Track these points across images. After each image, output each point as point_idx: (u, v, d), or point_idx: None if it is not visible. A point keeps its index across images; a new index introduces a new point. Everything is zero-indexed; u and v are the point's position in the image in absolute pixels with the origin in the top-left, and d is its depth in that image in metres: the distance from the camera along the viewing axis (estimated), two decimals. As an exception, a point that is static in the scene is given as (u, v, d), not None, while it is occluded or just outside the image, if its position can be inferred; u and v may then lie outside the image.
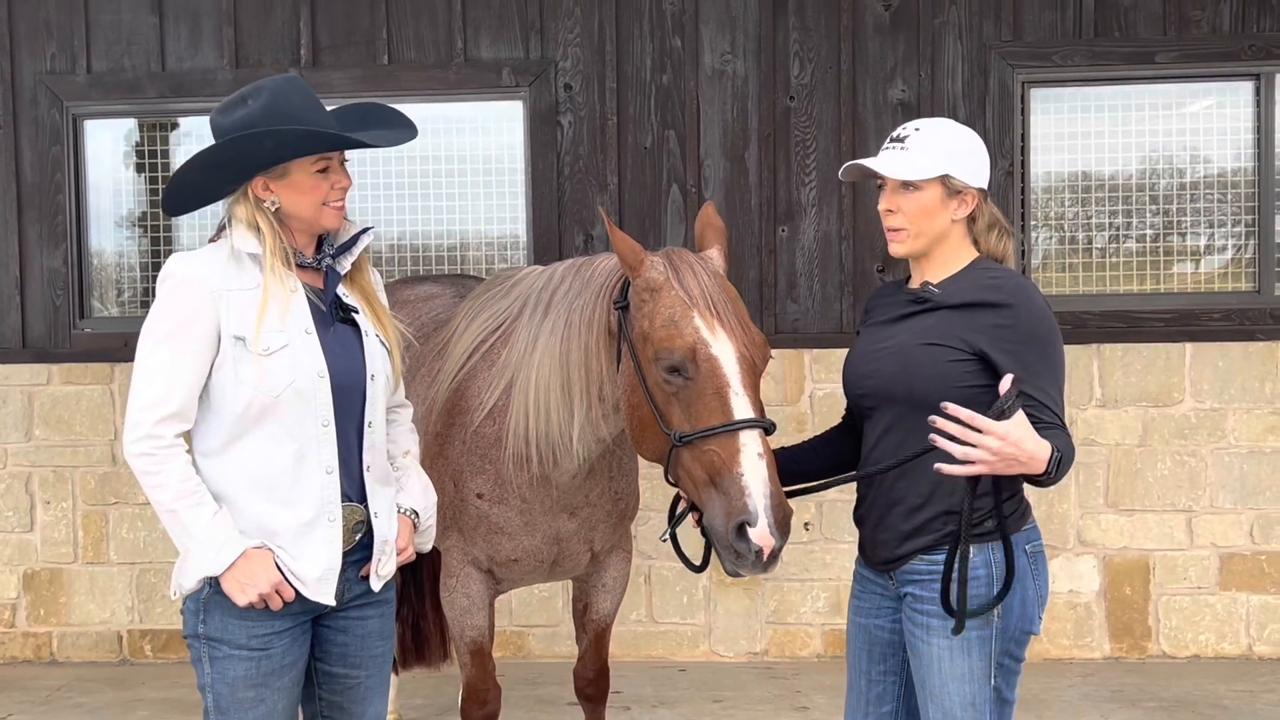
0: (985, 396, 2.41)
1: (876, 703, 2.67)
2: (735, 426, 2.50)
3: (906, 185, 2.52)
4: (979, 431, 2.23)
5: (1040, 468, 2.28)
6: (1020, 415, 2.26)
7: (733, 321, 2.63)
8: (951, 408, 2.26)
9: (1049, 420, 2.37)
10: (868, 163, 2.56)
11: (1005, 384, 2.27)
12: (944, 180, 2.51)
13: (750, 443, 2.49)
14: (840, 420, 2.82)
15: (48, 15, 5.52)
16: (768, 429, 2.55)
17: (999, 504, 2.44)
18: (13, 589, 5.54)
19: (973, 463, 2.25)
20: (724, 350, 2.59)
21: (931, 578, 2.47)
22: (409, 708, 4.80)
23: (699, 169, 5.39)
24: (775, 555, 2.47)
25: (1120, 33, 5.33)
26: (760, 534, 2.43)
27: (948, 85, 5.35)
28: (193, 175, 2.50)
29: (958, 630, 2.41)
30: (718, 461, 2.50)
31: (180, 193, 2.55)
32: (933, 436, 2.29)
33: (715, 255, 2.82)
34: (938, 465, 2.29)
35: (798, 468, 2.72)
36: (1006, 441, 2.23)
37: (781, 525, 2.46)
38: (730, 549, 2.47)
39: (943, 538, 2.46)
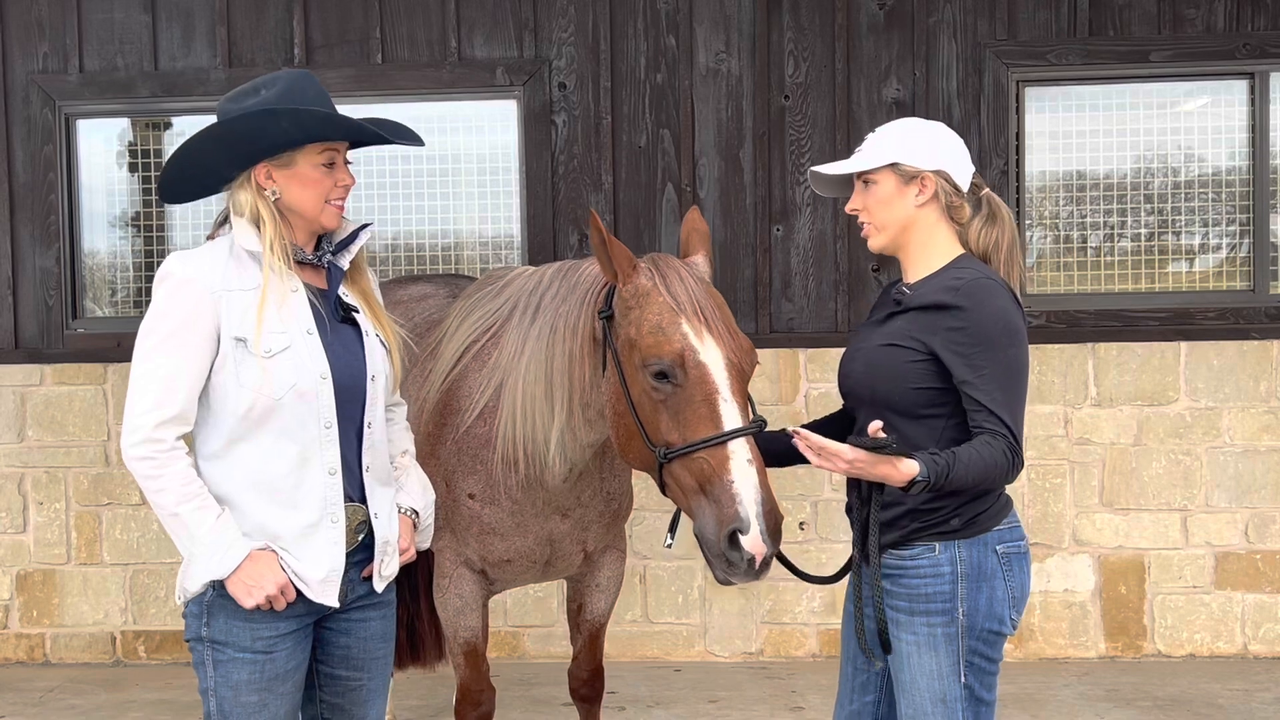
0: (945, 399, 2.47)
1: (860, 691, 2.71)
2: (725, 438, 2.49)
3: (866, 184, 2.59)
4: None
5: (897, 485, 2.37)
6: (877, 457, 2.35)
7: (720, 328, 2.62)
8: (803, 435, 2.38)
9: (991, 426, 2.39)
10: (819, 168, 2.67)
11: (874, 427, 2.36)
12: (894, 168, 2.55)
13: (740, 449, 2.48)
14: (841, 408, 2.85)
15: (40, 14, 5.50)
16: (759, 430, 2.55)
17: (962, 504, 2.48)
18: (5, 590, 5.52)
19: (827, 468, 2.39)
20: (712, 357, 2.58)
21: (900, 573, 2.51)
22: (404, 708, 4.79)
23: (694, 168, 5.38)
24: (767, 562, 2.46)
25: (1115, 31, 5.33)
26: (752, 541, 2.42)
27: (942, 84, 5.35)
28: (199, 150, 2.47)
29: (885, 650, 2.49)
30: (707, 469, 2.49)
31: (180, 170, 2.51)
32: (795, 441, 2.40)
33: (700, 261, 2.81)
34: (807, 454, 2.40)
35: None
36: (852, 466, 2.34)
37: (773, 532, 2.45)
38: (722, 557, 2.46)
39: (909, 534, 2.50)
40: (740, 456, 2.48)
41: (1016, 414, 2.43)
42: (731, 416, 2.52)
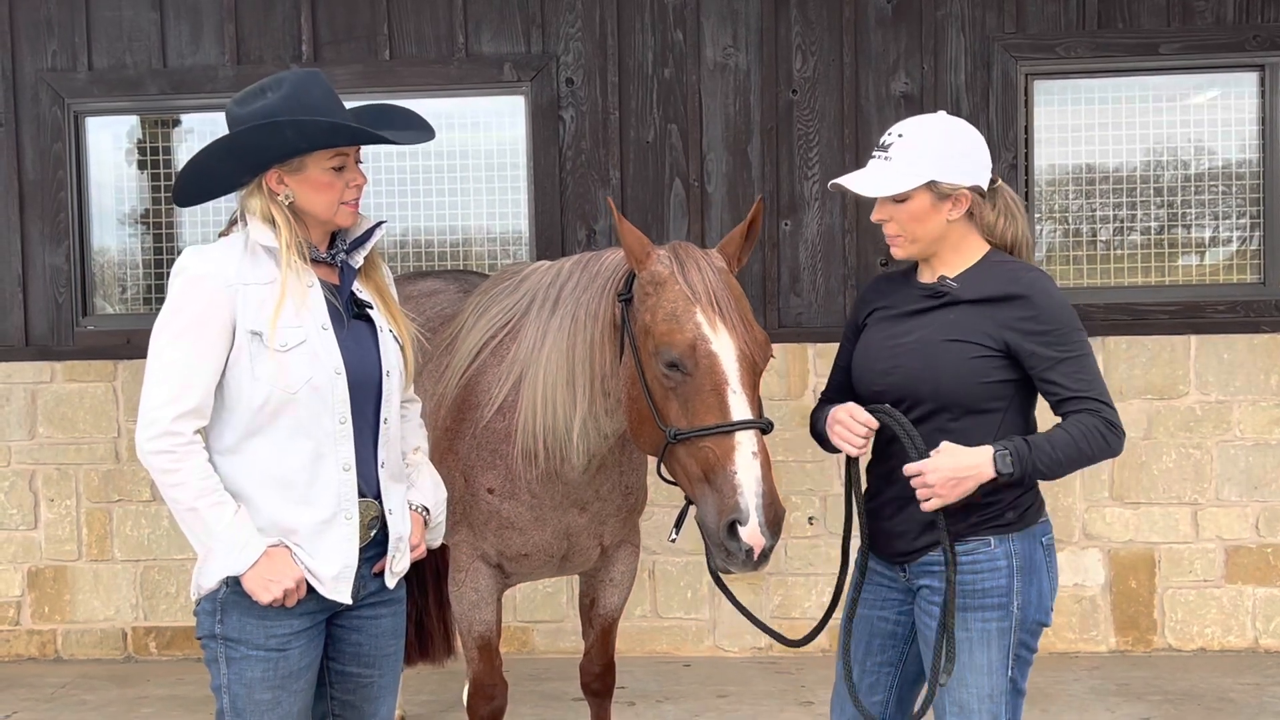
0: (1007, 391, 2.47)
1: (868, 692, 2.69)
2: (731, 427, 2.50)
3: (895, 196, 2.50)
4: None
5: (987, 473, 2.39)
6: (945, 447, 2.41)
7: (734, 319, 2.62)
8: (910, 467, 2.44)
9: (1086, 406, 2.42)
10: (846, 182, 2.55)
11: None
12: (930, 186, 2.48)
13: (745, 441, 2.49)
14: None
15: (49, 12, 5.51)
16: (764, 429, 2.54)
17: (1018, 497, 2.48)
18: (17, 587, 5.54)
19: (933, 500, 2.42)
20: (724, 347, 2.58)
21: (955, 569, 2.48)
22: (414, 704, 4.80)
23: (701, 163, 5.37)
24: (765, 555, 2.48)
25: (1124, 24, 5.31)
26: (750, 533, 2.44)
27: (950, 78, 5.33)
28: (209, 161, 2.47)
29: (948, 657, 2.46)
30: (712, 458, 2.51)
31: (193, 180, 2.52)
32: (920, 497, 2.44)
33: (716, 254, 2.79)
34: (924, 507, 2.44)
35: None
36: (934, 474, 2.38)
37: (772, 525, 2.46)
38: (721, 546, 2.49)
39: (965, 529, 2.48)
40: (745, 448, 2.49)
41: (1103, 386, 2.47)
42: (740, 407, 2.53)
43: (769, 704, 4.75)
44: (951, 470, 2.37)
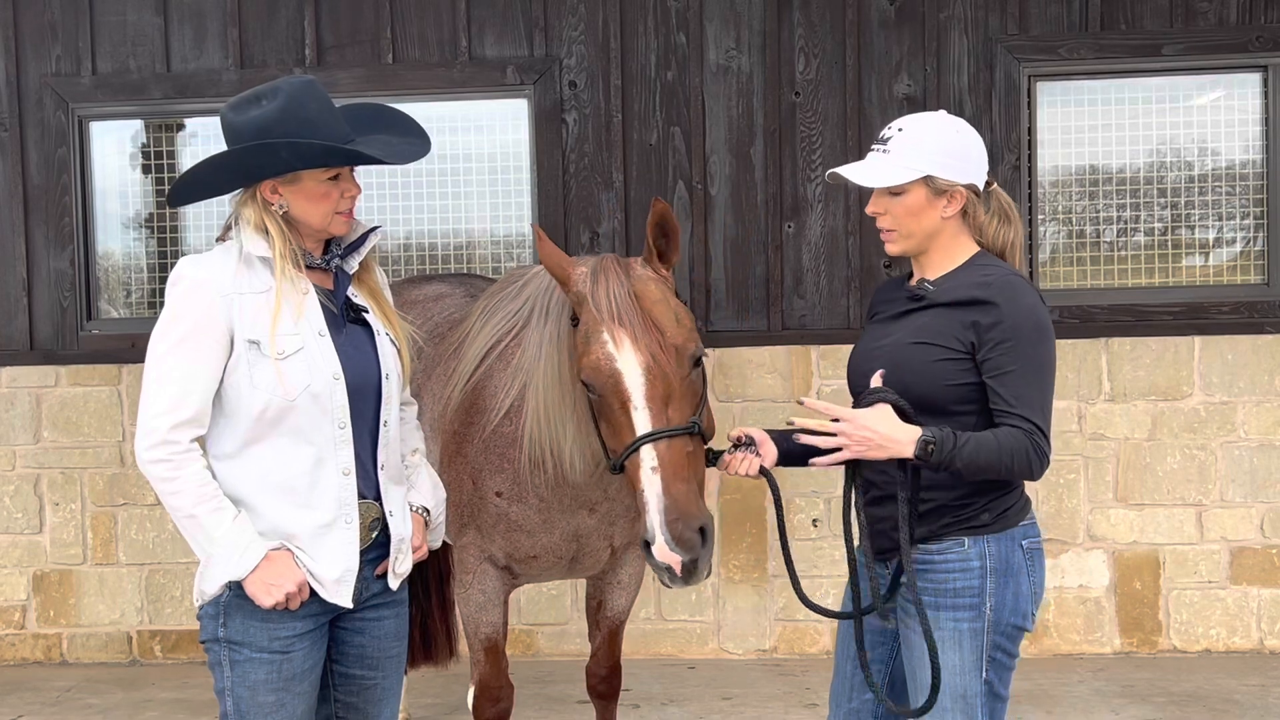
0: (975, 394, 2.45)
1: (860, 688, 2.70)
2: (635, 446, 2.50)
3: (891, 189, 2.52)
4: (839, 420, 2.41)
5: (904, 451, 2.36)
6: (881, 408, 2.39)
7: (639, 330, 2.57)
8: (808, 401, 2.45)
9: (1014, 424, 2.37)
10: (844, 171, 2.57)
11: (875, 380, 2.42)
12: (927, 181, 2.50)
13: (646, 457, 2.48)
14: None
15: (53, 17, 5.52)
16: (689, 432, 2.51)
17: (994, 499, 2.47)
18: (22, 590, 5.55)
19: (840, 449, 2.41)
20: (627, 364, 2.56)
21: (927, 568, 2.49)
22: (418, 706, 4.81)
23: (704, 165, 5.38)
24: (689, 569, 2.44)
25: (1127, 25, 5.31)
26: (659, 550, 2.42)
27: (953, 80, 5.34)
28: (204, 175, 2.50)
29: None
30: (630, 478, 2.53)
31: (188, 190, 2.56)
32: (797, 436, 2.45)
33: (637, 262, 2.73)
34: (813, 460, 2.45)
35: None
36: (854, 424, 2.37)
37: (681, 540, 2.41)
38: (653, 567, 2.48)
39: (939, 529, 2.48)
40: (646, 464, 2.48)
41: (1045, 410, 2.41)
42: (641, 423, 2.51)
43: (774, 706, 4.75)
44: (872, 432, 2.36)
